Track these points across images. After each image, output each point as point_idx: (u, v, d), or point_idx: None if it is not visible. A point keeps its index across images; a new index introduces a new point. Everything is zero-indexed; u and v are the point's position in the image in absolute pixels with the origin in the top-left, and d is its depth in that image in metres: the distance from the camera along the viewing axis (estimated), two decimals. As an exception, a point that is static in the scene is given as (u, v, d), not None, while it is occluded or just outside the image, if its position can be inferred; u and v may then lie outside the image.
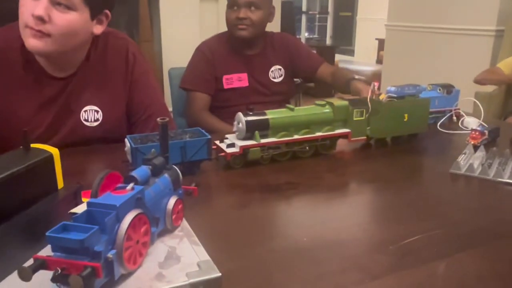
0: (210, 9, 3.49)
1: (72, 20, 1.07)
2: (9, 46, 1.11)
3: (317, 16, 9.65)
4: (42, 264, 0.43)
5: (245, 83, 1.81)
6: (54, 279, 0.43)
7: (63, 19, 1.05)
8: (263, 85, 1.85)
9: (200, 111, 1.76)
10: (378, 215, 0.86)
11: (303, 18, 9.37)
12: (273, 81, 1.86)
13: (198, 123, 1.69)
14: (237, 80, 1.81)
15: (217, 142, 1.09)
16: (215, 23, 3.43)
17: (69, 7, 1.05)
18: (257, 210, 0.85)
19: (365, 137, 1.21)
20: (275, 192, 0.93)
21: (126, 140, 0.98)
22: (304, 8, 9.50)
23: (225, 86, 1.80)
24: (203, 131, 1.03)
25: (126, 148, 0.98)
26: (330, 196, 0.92)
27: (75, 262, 0.43)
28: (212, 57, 1.80)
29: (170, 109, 1.90)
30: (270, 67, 1.86)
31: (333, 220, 0.82)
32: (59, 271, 0.42)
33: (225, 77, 1.80)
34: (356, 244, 0.73)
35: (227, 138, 1.10)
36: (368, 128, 1.21)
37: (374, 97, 1.22)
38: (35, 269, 0.42)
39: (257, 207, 0.87)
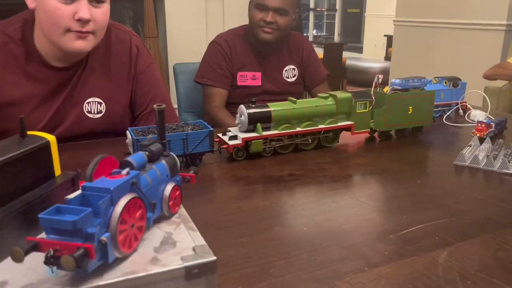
0: (216, 6, 3.49)
1: (106, 12, 1.12)
2: (10, 39, 1.12)
3: (325, 13, 9.62)
4: (34, 246, 0.43)
5: (258, 82, 1.78)
6: (46, 261, 0.42)
7: (101, 14, 1.10)
8: (276, 85, 1.81)
9: (218, 108, 1.73)
10: (380, 205, 0.85)
11: (311, 15, 9.35)
12: (286, 81, 1.83)
13: (215, 120, 1.68)
14: (251, 78, 1.78)
15: (220, 134, 1.09)
16: (221, 19, 3.43)
17: (101, 1, 1.10)
18: (259, 201, 0.85)
19: (368, 130, 1.20)
20: (277, 184, 0.93)
21: (127, 132, 0.98)
22: (311, 5, 9.47)
23: (239, 83, 1.77)
24: (205, 123, 1.03)
25: (127, 140, 0.98)
26: (333, 187, 0.91)
27: (68, 243, 0.42)
28: (230, 52, 1.77)
29: (175, 106, 1.89)
30: (284, 67, 1.83)
31: (334, 210, 0.81)
32: (52, 252, 0.42)
33: (239, 73, 1.77)
34: (356, 234, 0.72)
35: (229, 131, 1.10)
36: (372, 120, 1.20)
37: (378, 89, 1.21)
38: (27, 250, 0.42)
39: (258, 198, 0.86)
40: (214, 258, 0.48)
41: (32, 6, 1.09)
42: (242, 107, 1.07)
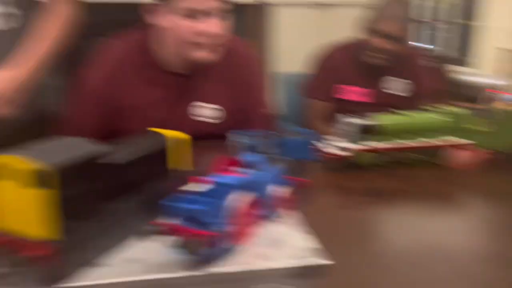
0: (326, 16, 3.49)
1: (229, 23, 1.17)
2: (130, 48, 1.21)
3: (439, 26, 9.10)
4: (163, 231, 0.48)
5: (365, 98, 1.74)
6: (174, 244, 0.47)
7: (228, 26, 1.16)
8: (385, 100, 1.72)
9: (314, 119, 1.73)
10: (490, 228, 0.79)
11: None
12: (393, 94, 1.75)
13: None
14: (357, 94, 1.74)
15: (325, 144, 1.09)
16: (330, 31, 3.42)
17: (227, 14, 1.15)
18: (360, 213, 0.84)
19: (489, 150, 1.11)
20: (380, 197, 0.91)
21: (240, 135, 1.03)
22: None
23: (344, 97, 1.74)
24: (313, 132, 1.04)
25: (240, 143, 1.02)
26: (438, 206, 0.87)
27: (193, 230, 0.46)
28: (339, 66, 1.75)
29: (278, 114, 1.91)
30: (393, 81, 1.75)
31: (439, 229, 0.77)
32: (179, 237, 0.47)
33: (345, 88, 1.74)
34: (463, 254, 0.69)
35: (335, 141, 1.10)
36: (493, 140, 1.11)
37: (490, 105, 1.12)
38: (160, 234, 0.47)
39: (360, 210, 0.85)
40: (329, 262, 0.49)
41: (155, 22, 1.15)
42: (349, 118, 1.06)
